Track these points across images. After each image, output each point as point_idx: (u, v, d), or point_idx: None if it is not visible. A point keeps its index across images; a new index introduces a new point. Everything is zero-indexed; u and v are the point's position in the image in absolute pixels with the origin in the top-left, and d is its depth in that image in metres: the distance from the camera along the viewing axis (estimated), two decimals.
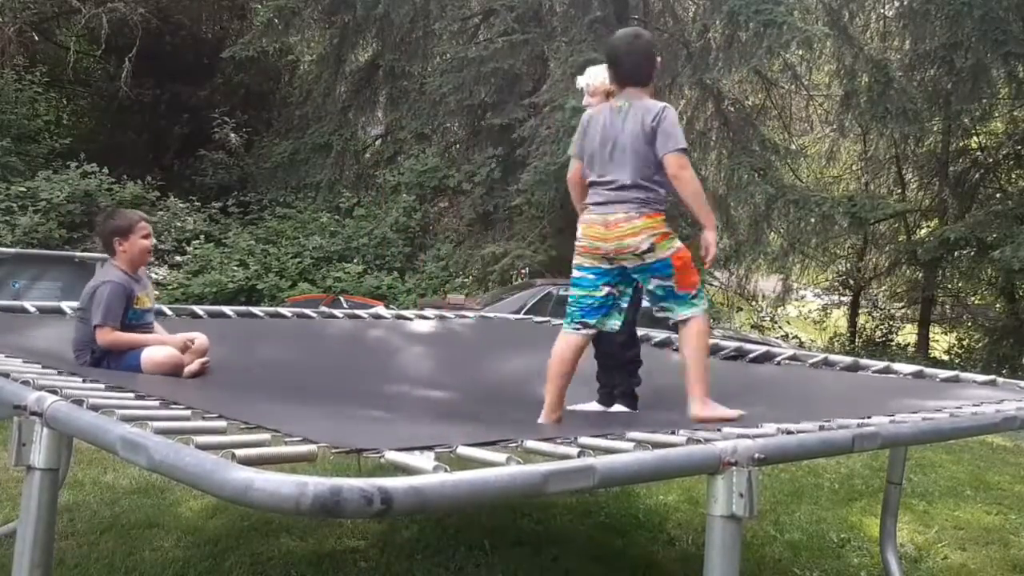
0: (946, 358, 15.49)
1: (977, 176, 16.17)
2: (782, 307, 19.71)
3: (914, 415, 2.73)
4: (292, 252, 13.55)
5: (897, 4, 15.31)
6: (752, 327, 18.06)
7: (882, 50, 14.73)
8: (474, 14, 15.91)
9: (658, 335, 4.64)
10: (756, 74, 14.51)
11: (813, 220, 12.43)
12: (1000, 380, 3.73)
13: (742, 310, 18.90)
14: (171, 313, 4.26)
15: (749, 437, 2.02)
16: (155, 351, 3.30)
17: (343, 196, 15.21)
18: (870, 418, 2.55)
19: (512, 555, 3.67)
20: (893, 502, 3.73)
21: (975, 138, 16.07)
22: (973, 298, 17.08)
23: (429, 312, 5.59)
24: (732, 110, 14.50)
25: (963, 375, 3.92)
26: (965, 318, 17.13)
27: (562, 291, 9.55)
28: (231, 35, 17.59)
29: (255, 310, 4.72)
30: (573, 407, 3.67)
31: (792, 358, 4.42)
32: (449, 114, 15.33)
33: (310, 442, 1.85)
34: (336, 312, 5.19)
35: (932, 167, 16.39)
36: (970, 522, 4.78)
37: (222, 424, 1.99)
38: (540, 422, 3.02)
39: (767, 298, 19.36)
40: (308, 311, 4.96)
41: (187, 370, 3.35)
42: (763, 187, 12.23)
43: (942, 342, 17.17)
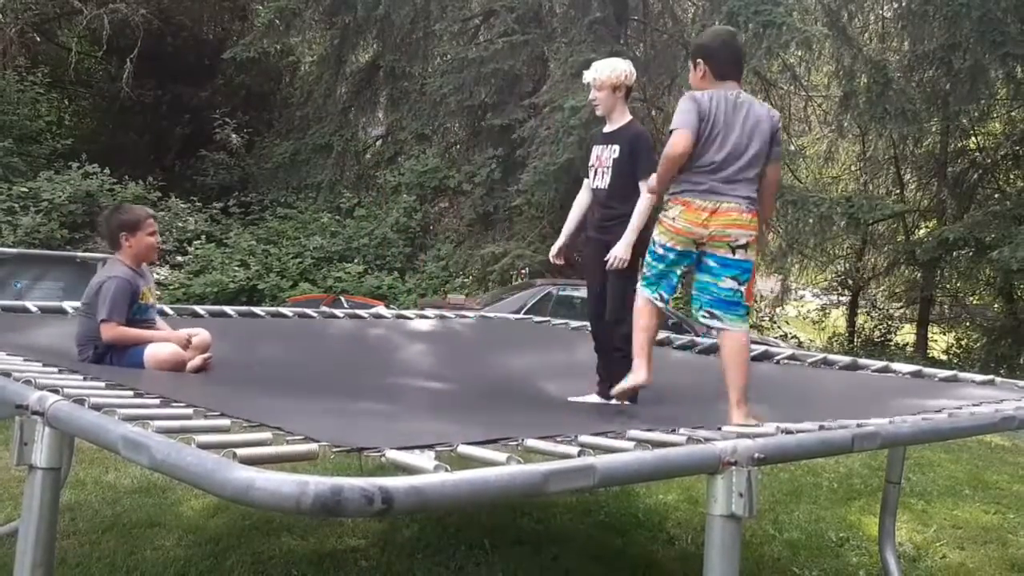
0: (944, 358, 15.50)
1: (975, 176, 16.18)
2: (781, 307, 19.72)
3: (913, 415, 2.74)
4: (293, 252, 13.56)
5: (896, 5, 15.32)
6: (751, 327, 18.01)
7: (881, 51, 14.73)
8: (474, 15, 15.93)
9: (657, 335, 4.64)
10: (755, 75, 14.50)
11: (812, 220, 12.42)
12: (998, 380, 3.75)
13: None
14: (172, 313, 4.27)
15: (749, 437, 2.03)
16: (159, 348, 3.31)
17: (344, 196, 15.22)
18: (869, 418, 2.56)
19: (512, 554, 3.68)
20: (892, 501, 3.74)
21: (973, 139, 16.08)
22: (971, 298, 17.08)
23: (429, 312, 5.60)
24: None
25: (961, 375, 3.93)
26: (963, 318, 17.12)
27: (562, 291, 9.55)
28: (232, 36, 17.60)
29: (256, 310, 4.73)
30: (573, 399, 3.70)
31: (791, 358, 4.44)
32: (449, 115, 15.34)
33: (311, 441, 1.85)
34: (337, 312, 5.20)
35: (931, 167, 16.40)
36: (968, 521, 4.79)
37: (225, 423, 1.99)
38: (640, 383, 3.09)
39: (766, 298, 19.35)
40: (309, 311, 4.98)
41: (190, 366, 3.36)
42: None
43: (940, 342, 17.17)
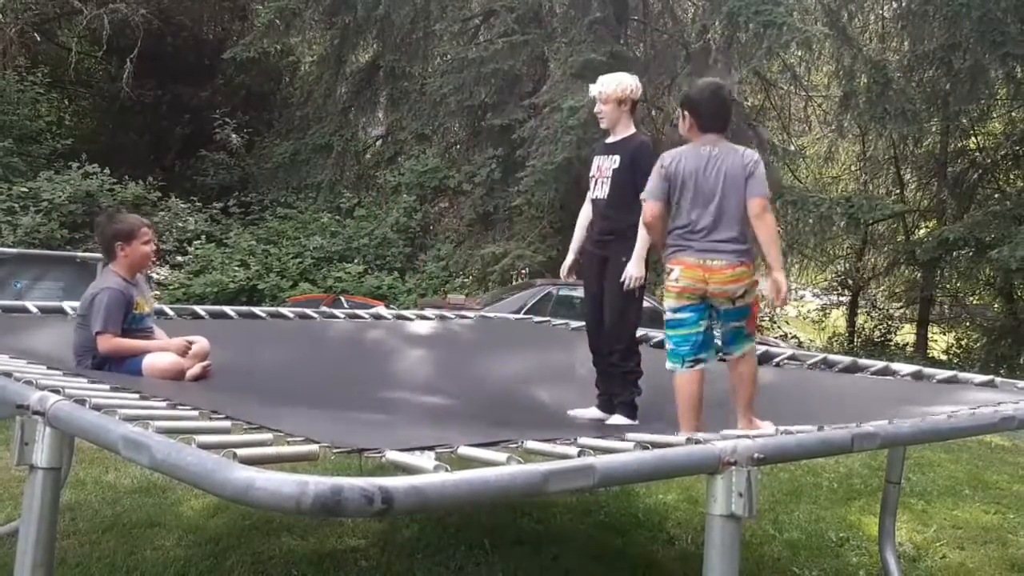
0: (944, 358, 15.50)
1: (975, 176, 16.18)
2: (781, 307, 19.68)
3: (913, 415, 2.74)
4: (293, 252, 13.57)
5: (896, 5, 15.33)
6: None
7: (881, 51, 14.74)
8: (474, 15, 15.94)
9: (657, 335, 4.65)
10: (755, 75, 14.51)
11: (812, 221, 12.44)
12: (998, 380, 3.74)
13: None
14: (172, 313, 4.28)
15: (748, 437, 2.03)
16: (157, 358, 3.30)
17: (344, 196, 15.22)
18: (868, 418, 2.56)
19: (512, 554, 3.68)
20: (892, 501, 3.74)
21: (973, 139, 16.08)
22: (971, 298, 17.08)
23: (429, 312, 5.60)
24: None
25: (961, 375, 3.93)
26: (963, 318, 17.12)
27: (561, 291, 9.55)
28: (232, 36, 17.61)
29: (256, 310, 4.73)
30: (572, 412, 3.67)
31: (791, 358, 4.43)
32: (449, 115, 15.35)
33: (311, 442, 1.85)
34: (337, 312, 5.20)
35: (930, 168, 16.40)
36: (968, 521, 4.79)
37: (226, 424, 1.99)
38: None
39: (766, 298, 19.32)
40: (309, 311, 4.97)
41: (189, 374, 3.35)
42: None
43: (940, 342, 17.17)
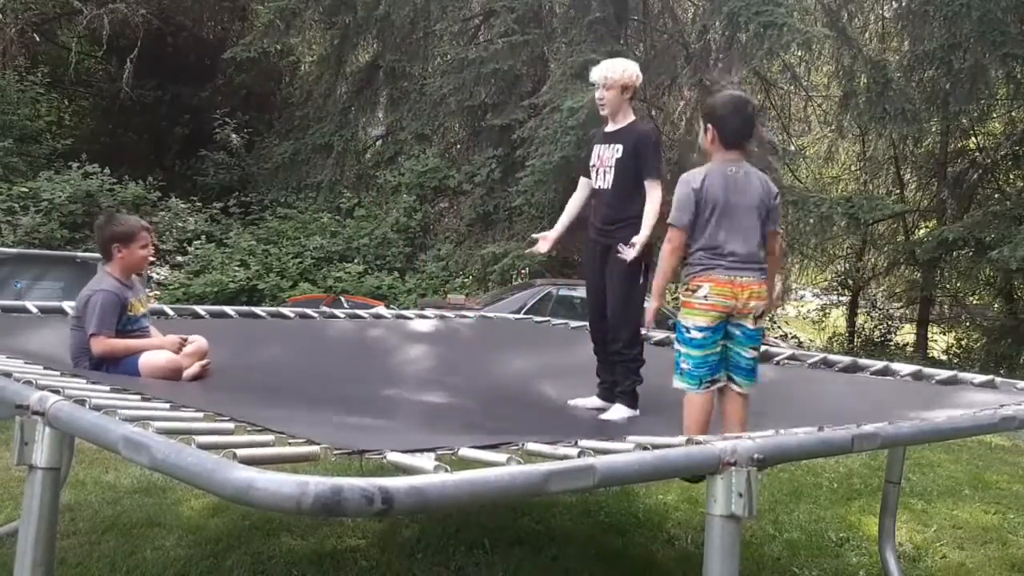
0: (944, 358, 15.50)
1: (975, 176, 16.17)
2: (781, 307, 19.71)
3: (913, 415, 2.74)
4: (293, 252, 13.56)
5: (896, 5, 15.33)
6: None
7: (881, 51, 14.74)
8: (474, 15, 15.94)
9: (656, 335, 4.65)
10: (755, 75, 14.50)
11: (812, 220, 12.43)
12: (998, 380, 3.74)
13: None
14: (172, 313, 4.27)
15: (748, 437, 2.03)
16: (153, 356, 3.30)
17: (344, 196, 15.22)
18: (868, 418, 2.56)
19: (512, 554, 3.68)
20: (892, 501, 3.74)
21: (973, 139, 16.07)
22: (971, 298, 17.07)
23: (429, 312, 5.60)
24: None
25: (961, 375, 3.92)
26: (963, 318, 17.12)
27: (561, 291, 9.55)
28: (232, 36, 17.61)
29: (257, 310, 4.72)
30: (573, 401, 3.70)
31: (791, 358, 4.43)
32: (449, 115, 15.35)
33: (312, 443, 1.85)
34: (337, 312, 5.20)
35: (930, 168, 16.40)
36: (968, 521, 4.78)
37: (227, 425, 1.99)
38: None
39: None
40: (309, 311, 4.97)
41: (187, 373, 3.35)
42: None
43: (940, 342, 17.16)
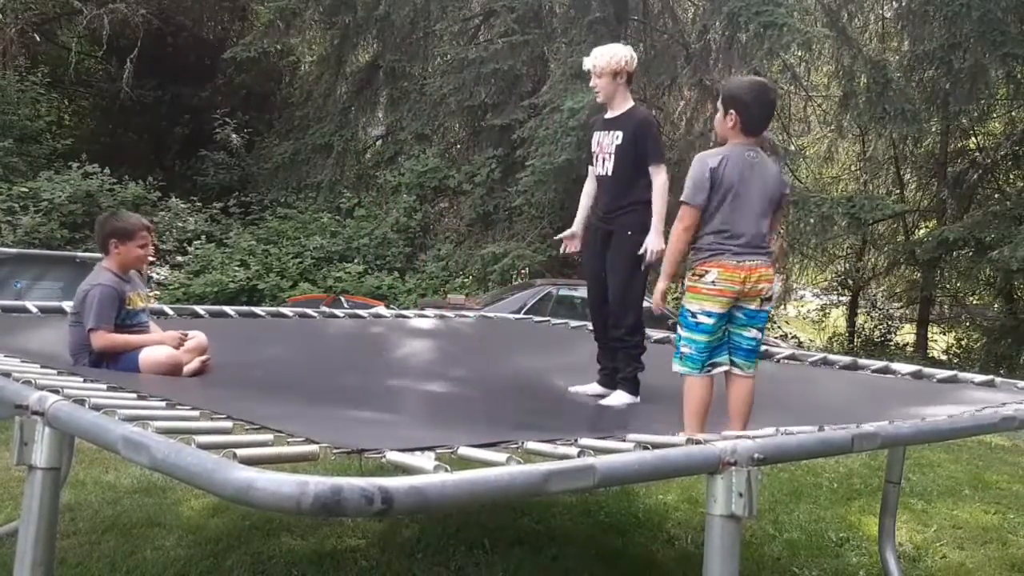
0: (944, 358, 15.50)
1: (975, 176, 16.17)
2: (781, 307, 19.71)
3: (913, 415, 2.74)
4: (293, 252, 13.56)
5: (896, 5, 15.32)
6: None
7: (881, 51, 14.73)
8: (474, 15, 15.93)
9: (656, 334, 4.65)
10: (755, 75, 14.50)
11: (812, 220, 12.43)
12: (998, 380, 3.74)
13: None
14: (172, 313, 4.28)
15: (748, 437, 2.03)
16: (153, 351, 3.29)
17: (344, 196, 15.22)
18: (868, 418, 2.56)
19: (512, 554, 3.68)
20: (892, 501, 3.74)
21: (973, 139, 16.08)
22: (971, 298, 17.07)
23: (429, 312, 5.61)
24: None
25: (961, 375, 3.93)
26: (963, 318, 17.12)
27: (561, 291, 9.55)
28: (232, 36, 17.60)
29: (257, 310, 4.73)
30: (573, 388, 3.72)
31: (791, 358, 4.44)
32: (449, 115, 15.35)
33: (312, 442, 1.85)
34: (337, 312, 5.20)
35: (930, 168, 16.40)
36: (968, 521, 4.78)
37: (226, 424, 1.99)
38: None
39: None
40: (309, 311, 4.98)
41: (187, 368, 3.34)
42: None
43: (940, 342, 17.17)
